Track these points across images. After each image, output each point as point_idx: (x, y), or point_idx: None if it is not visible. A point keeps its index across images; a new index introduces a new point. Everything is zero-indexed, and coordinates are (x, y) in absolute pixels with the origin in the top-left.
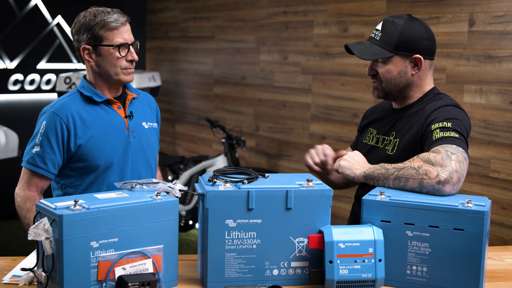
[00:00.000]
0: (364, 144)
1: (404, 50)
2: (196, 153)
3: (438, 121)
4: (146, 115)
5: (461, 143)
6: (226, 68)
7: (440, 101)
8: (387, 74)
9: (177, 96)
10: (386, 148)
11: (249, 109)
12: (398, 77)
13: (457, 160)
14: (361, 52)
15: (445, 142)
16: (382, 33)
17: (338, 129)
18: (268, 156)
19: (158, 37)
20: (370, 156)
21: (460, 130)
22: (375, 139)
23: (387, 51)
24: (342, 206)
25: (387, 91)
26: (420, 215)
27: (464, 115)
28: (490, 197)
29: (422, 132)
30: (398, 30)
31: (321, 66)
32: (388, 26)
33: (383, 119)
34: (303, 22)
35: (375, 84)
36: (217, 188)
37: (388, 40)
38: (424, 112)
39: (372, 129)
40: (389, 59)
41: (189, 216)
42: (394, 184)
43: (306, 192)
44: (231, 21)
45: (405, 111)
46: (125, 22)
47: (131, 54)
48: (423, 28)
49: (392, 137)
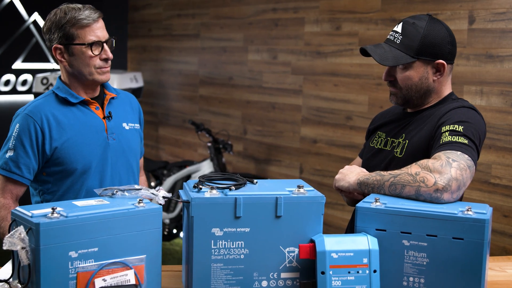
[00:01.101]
0: (370, 148)
1: (426, 55)
2: (180, 158)
3: (450, 123)
4: (127, 115)
5: (469, 150)
6: (212, 68)
7: (456, 103)
8: (408, 81)
9: (161, 98)
10: (394, 150)
11: (236, 111)
12: (419, 84)
13: (458, 168)
14: (382, 57)
15: (450, 148)
16: (403, 36)
17: (330, 132)
18: (257, 161)
19: (140, 35)
20: (376, 159)
21: (471, 135)
22: (383, 142)
23: (409, 56)
24: (335, 214)
25: (407, 98)
26: (417, 224)
27: (480, 119)
28: (491, 204)
29: (432, 133)
30: (421, 34)
31: (313, 66)
32: (409, 29)
33: (393, 122)
34: (293, 19)
35: (395, 90)
36: (203, 195)
37: (409, 44)
38: (438, 113)
39: (380, 133)
40: (410, 64)
41: (173, 224)
42: (390, 191)
43: (297, 199)
44: (217, 18)
45: (418, 114)
46: (97, 19)
47: (105, 52)
48: (446, 31)
49: (401, 139)
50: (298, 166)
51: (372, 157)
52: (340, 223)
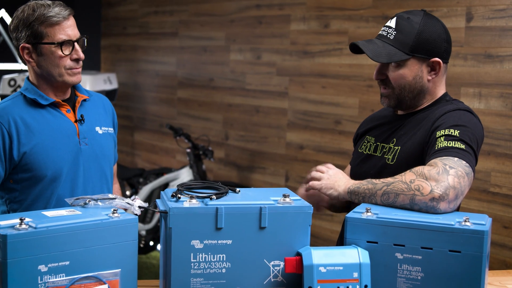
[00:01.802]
0: (359, 154)
1: (422, 52)
2: (157, 165)
3: (445, 128)
4: (100, 118)
5: (467, 156)
6: (191, 69)
7: (451, 105)
8: (401, 80)
9: (136, 101)
10: (385, 156)
11: (217, 115)
12: (413, 83)
13: (455, 175)
14: (375, 52)
15: (447, 154)
16: (397, 31)
17: (318, 137)
18: (239, 168)
19: (114, 34)
20: (365, 165)
21: (468, 140)
22: (372, 148)
23: (403, 53)
24: (323, 225)
25: (400, 99)
26: (412, 235)
27: (477, 122)
28: (490, 214)
29: (426, 139)
30: (416, 29)
31: (299, 66)
32: (403, 24)
33: (383, 126)
34: (278, 16)
35: (386, 90)
36: (182, 204)
37: (404, 40)
38: (432, 116)
39: (369, 137)
40: (404, 62)
41: (149, 236)
42: (382, 200)
43: (282, 209)
44: (197, 15)
45: (410, 117)
46: (68, 16)
47: (76, 52)
48: (442, 27)
49: (392, 144)
50: (283, 174)
51: (361, 163)
52: (329, 234)
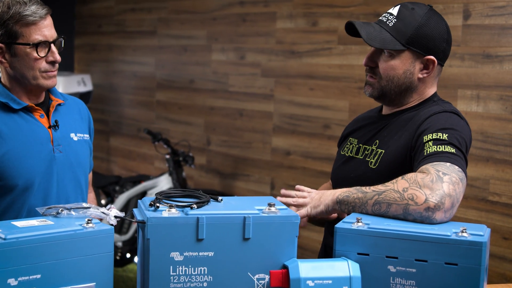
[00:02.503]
0: (341, 156)
1: (418, 46)
2: (134, 172)
3: (432, 132)
4: (76, 124)
5: (458, 160)
6: (171, 69)
7: (437, 106)
8: (391, 71)
9: (112, 104)
10: (367, 159)
11: (198, 119)
12: (402, 77)
13: (450, 182)
14: (370, 35)
15: (438, 159)
16: (398, 19)
17: (306, 143)
18: (222, 175)
19: (89, 32)
20: (346, 168)
21: (457, 143)
22: (355, 150)
23: (399, 43)
24: (311, 236)
25: (385, 91)
26: (405, 247)
27: (465, 124)
28: (489, 225)
29: (412, 143)
30: (418, 21)
31: (286, 67)
32: (406, 13)
33: (366, 127)
34: (263, 14)
35: (372, 79)
36: (160, 214)
37: (403, 29)
38: (417, 119)
39: (352, 139)
40: (398, 53)
41: (126, 248)
42: (374, 210)
43: (268, 219)
44: (177, 13)
45: (395, 117)
46: (45, 16)
47: (52, 54)
48: (445, 27)
49: (375, 146)
50: (269, 181)
51: (342, 166)
52: (317, 246)
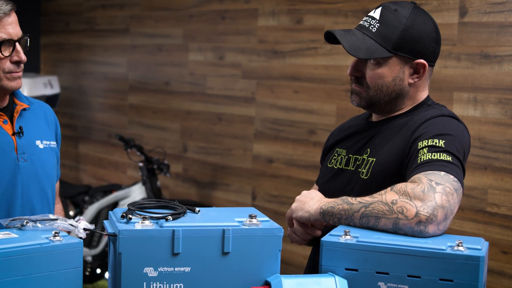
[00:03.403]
0: (329, 169)
1: (406, 51)
2: (105, 181)
3: (427, 138)
4: (42, 131)
5: (454, 169)
6: (144, 71)
7: (433, 110)
8: (378, 80)
9: (81, 108)
10: (358, 170)
11: (174, 124)
12: (391, 85)
13: (443, 192)
14: (352, 45)
15: (432, 168)
16: (381, 24)
17: (290, 150)
18: (199, 185)
19: (56, 31)
20: (337, 182)
21: (455, 150)
22: (344, 161)
23: (385, 50)
24: (295, 250)
25: (374, 101)
26: (397, 262)
27: (464, 129)
28: (487, 238)
29: (406, 150)
30: (403, 24)
31: (268, 68)
32: (389, 16)
33: (355, 135)
34: (244, 11)
35: (359, 89)
36: (133, 226)
37: (388, 34)
38: (411, 124)
39: (340, 149)
40: (385, 60)
41: (96, 262)
42: (362, 223)
43: (249, 232)
44: (151, 9)
45: (386, 124)
46: (9, 12)
47: (17, 54)
48: (432, 25)
49: (366, 156)
50: (250, 191)
51: (331, 180)
52: (302, 261)
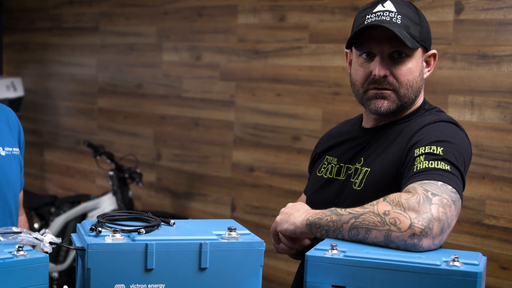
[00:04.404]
0: (317, 179)
1: (426, 42)
2: (73, 191)
3: (424, 145)
4: (3, 137)
5: (452, 179)
6: (115, 72)
7: (431, 116)
8: (410, 75)
9: (47, 112)
10: (350, 180)
11: (147, 129)
12: (418, 80)
13: (440, 204)
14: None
15: (428, 177)
16: (401, 15)
17: (272, 157)
18: (174, 195)
19: (19, 29)
20: (326, 192)
21: (454, 159)
22: (335, 170)
23: (415, 41)
24: (278, 265)
25: (404, 101)
26: (388, 278)
27: (463, 136)
28: (485, 252)
29: (402, 158)
30: (416, 13)
31: (248, 69)
32: (403, 7)
33: (346, 142)
34: (223, 8)
35: (388, 91)
36: (103, 240)
37: (411, 25)
38: (408, 130)
39: (330, 157)
40: (413, 52)
41: (63, 279)
42: (351, 235)
43: (228, 246)
44: (122, 6)
45: (381, 131)
46: None
47: None
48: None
49: (359, 165)
50: (229, 202)
51: (321, 190)
52: (285, 277)
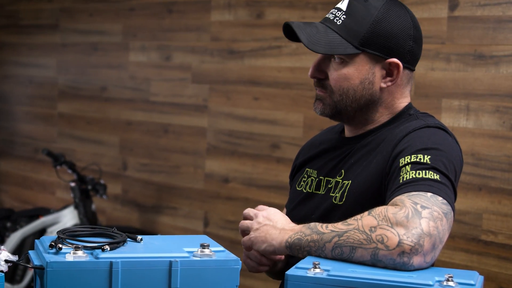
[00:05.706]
0: (297, 193)
1: (376, 48)
2: (31, 204)
3: (410, 153)
4: None
5: (442, 190)
6: (77, 73)
7: (416, 121)
8: (344, 82)
9: (2, 118)
10: (330, 195)
11: (112, 136)
12: (359, 89)
13: (430, 218)
14: (311, 38)
15: (416, 189)
16: (347, 16)
17: (249, 167)
18: (142, 208)
19: None
20: (306, 208)
21: (443, 167)
22: (314, 184)
23: (351, 46)
24: (255, 285)
25: (339, 108)
26: None
27: (453, 143)
28: (481, 271)
29: (386, 169)
30: (373, 16)
31: (223, 70)
32: (358, 7)
33: (326, 153)
34: (195, 3)
35: (322, 93)
36: (64, 257)
37: (354, 27)
38: (391, 138)
39: (310, 170)
40: (352, 58)
41: None
42: (334, 255)
43: (200, 264)
44: (84, 1)
45: (362, 140)
46: None
47: None
48: (410, 20)
49: (340, 178)
50: (201, 216)
51: (300, 205)
52: None
